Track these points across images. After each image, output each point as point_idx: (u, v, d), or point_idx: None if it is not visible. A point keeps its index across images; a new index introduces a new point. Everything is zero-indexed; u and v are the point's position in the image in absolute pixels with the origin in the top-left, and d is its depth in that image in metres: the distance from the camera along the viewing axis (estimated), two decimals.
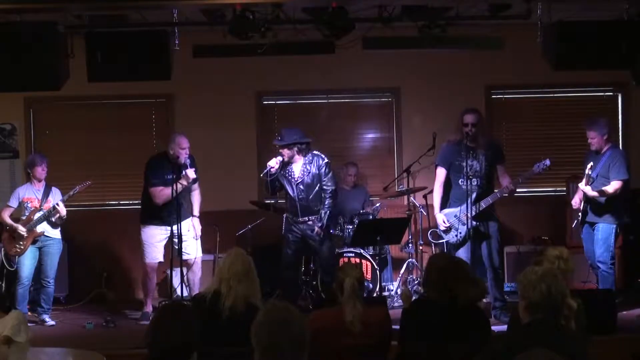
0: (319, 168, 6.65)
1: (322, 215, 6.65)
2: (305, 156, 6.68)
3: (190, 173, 6.72)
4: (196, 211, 7.11)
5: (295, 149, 6.63)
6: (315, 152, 6.75)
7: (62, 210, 6.89)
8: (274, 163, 6.61)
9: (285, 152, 6.64)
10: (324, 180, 6.66)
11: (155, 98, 8.37)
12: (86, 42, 5.86)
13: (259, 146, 8.37)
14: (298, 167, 6.68)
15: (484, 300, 6.87)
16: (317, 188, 6.66)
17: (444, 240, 6.67)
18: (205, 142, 7.90)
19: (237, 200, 7.95)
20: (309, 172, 6.65)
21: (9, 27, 5.70)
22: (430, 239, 6.91)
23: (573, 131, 8.36)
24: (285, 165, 6.68)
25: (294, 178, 6.68)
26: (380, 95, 8.58)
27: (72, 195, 6.97)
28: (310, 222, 6.66)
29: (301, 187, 6.65)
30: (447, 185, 6.68)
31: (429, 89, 8.30)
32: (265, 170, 6.65)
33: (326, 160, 6.71)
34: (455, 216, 6.54)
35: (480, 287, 4.21)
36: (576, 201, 6.91)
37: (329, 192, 6.69)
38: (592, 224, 6.73)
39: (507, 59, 7.68)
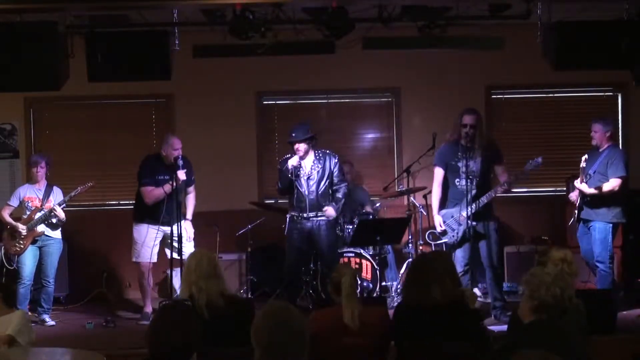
0: (331, 166, 6.75)
1: (338, 202, 6.77)
2: (315, 152, 6.75)
3: (181, 175, 6.69)
4: (189, 215, 7.13)
5: (310, 143, 6.73)
6: (324, 150, 6.86)
7: (61, 213, 6.89)
8: (295, 162, 6.65)
9: (303, 147, 6.67)
10: (337, 179, 6.78)
11: (155, 98, 8.37)
12: (86, 42, 5.86)
13: (259, 146, 8.37)
14: (308, 163, 6.73)
15: (484, 300, 6.96)
16: (326, 184, 6.73)
17: (442, 242, 6.66)
18: (205, 142, 7.91)
19: (237, 200, 7.95)
20: (320, 168, 6.71)
21: (9, 27, 5.69)
22: (428, 240, 6.94)
23: (573, 131, 8.39)
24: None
25: (304, 173, 6.72)
26: (380, 95, 8.58)
27: (74, 197, 6.97)
28: (321, 213, 6.68)
29: (311, 182, 6.69)
30: (445, 185, 6.68)
31: (429, 89, 8.30)
32: (291, 170, 6.65)
33: (337, 158, 6.84)
34: (452, 216, 6.55)
35: (447, 288, 4.11)
36: (573, 196, 6.93)
37: (342, 187, 6.85)
38: (588, 222, 6.74)
39: (507, 59, 7.67)
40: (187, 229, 7.03)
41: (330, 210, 6.71)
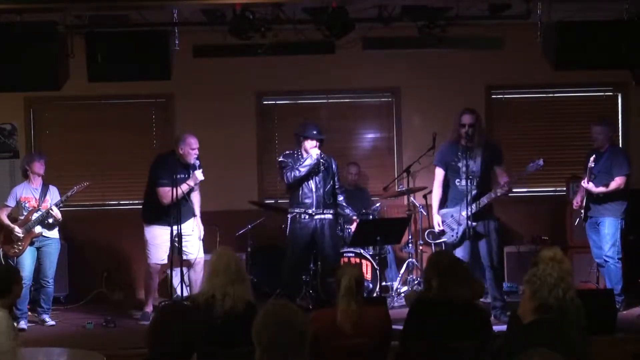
0: (335, 168, 6.87)
1: (348, 210, 6.97)
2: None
3: (199, 175, 6.72)
4: (197, 211, 7.11)
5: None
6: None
7: (57, 214, 6.87)
8: (317, 153, 6.69)
9: (318, 145, 6.75)
10: (338, 183, 6.94)
11: (155, 98, 8.37)
12: (86, 42, 5.86)
13: (259, 146, 8.37)
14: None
15: (484, 300, 6.96)
16: (331, 184, 6.80)
17: (441, 241, 6.67)
18: (205, 142, 7.86)
19: (237, 200, 7.95)
20: (324, 168, 6.74)
21: (9, 27, 5.69)
22: (427, 239, 6.96)
23: (573, 131, 8.39)
24: (300, 159, 6.75)
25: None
26: (380, 95, 8.57)
27: (70, 197, 6.94)
28: (327, 211, 6.75)
29: (317, 179, 6.73)
30: (446, 185, 6.68)
31: (429, 89, 8.30)
32: (317, 159, 6.65)
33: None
34: (451, 216, 6.54)
35: (476, 287, 4.21)
36: (577, 201, 6.95)
37: (343, 189, 7.05)
38: (597, 220, 6.77)
39: (507, 59, 7.68)
40: (198, 226, 7.04)
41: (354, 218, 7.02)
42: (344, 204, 6.95)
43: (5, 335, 4.37)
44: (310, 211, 6.70)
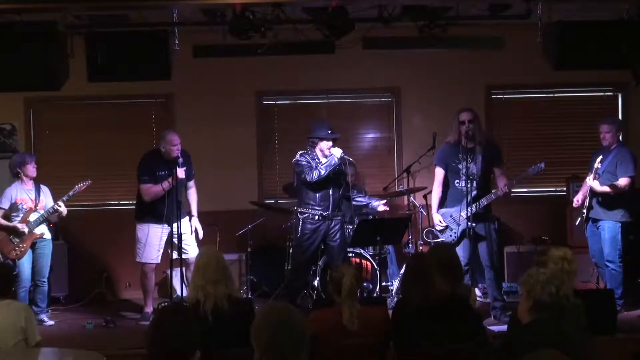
0: (346, 170, 6.72)
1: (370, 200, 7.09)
2: None
3: (180, 173, 6.66)
4: (194, 211, 7.11)
5: None
6: None
7: (64, 210, 6.86)
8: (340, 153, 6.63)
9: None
10: (350, 180, 6.85)
11: (155, 98, 8.37)
12: (86, 42, 5.86)
13: (259, 146, 8.37)
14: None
15: (484, 300, 6.97)
16: (343, 185, 6.75)
17: (439, 240, 6.66)
18: (205, 142, 7.91)
19: (237, 200, 7.95)
20: (345, 168, 6.70)
21: (9, 27, 5.69)
22: (425, 238, 6.95)
23: (573, 131, 8.40)
24: (315, 159, 6.70)
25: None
26: (380, 95, 8.57)
27: (72, 196, 6.94)
28: (340, 212, 6.76)
29: (333, 180, 6.70)
30: (445, 185, 6.68)
31: (429, 89, 8.30)
32: (341, 157, 6.58)
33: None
34: (450, 216, 6.55)
35: (451, 280, 4.19)
36: (578, 199, 6.93)
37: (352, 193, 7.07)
38: (597, 222, 6.76)
39: (507, 59, 7.69)
40: (197, 227, 7.04)
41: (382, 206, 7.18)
42: (360, 198, 6.97)
43: (35, 327, 4.51)
44: (324, 213, 6.67)
